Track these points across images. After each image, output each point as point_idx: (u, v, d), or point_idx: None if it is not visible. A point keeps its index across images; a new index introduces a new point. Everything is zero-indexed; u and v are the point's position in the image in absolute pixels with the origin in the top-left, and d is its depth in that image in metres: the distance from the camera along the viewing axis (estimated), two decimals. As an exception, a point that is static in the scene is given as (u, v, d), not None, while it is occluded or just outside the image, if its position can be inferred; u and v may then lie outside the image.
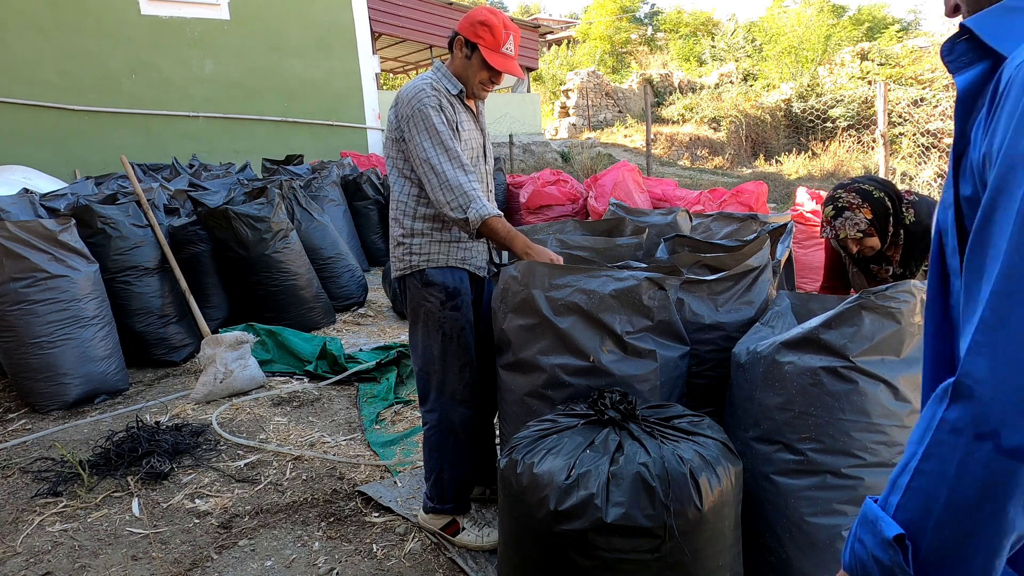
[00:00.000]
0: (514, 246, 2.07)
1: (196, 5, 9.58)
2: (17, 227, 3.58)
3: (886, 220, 2.19)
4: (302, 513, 2.67)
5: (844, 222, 2.20)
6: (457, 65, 2.25)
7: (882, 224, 2.19)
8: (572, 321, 1.90)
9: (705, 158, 15.64)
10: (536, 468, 1.61)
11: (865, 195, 2.20)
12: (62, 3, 8.68)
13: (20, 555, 2.46)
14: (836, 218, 2.22)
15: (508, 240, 2.08)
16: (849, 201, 2.21)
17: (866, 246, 2.23)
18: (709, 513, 1.53)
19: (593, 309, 1.89)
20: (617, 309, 1.90)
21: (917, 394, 1.68)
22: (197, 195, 5.12)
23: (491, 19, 2.19)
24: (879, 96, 6.24)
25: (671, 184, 6.72)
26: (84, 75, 8.95)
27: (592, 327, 1.90)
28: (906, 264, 2.27)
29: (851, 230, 2.19)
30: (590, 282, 1.89)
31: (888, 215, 2.19)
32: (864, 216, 2.18)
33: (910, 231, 2.22)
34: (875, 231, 2.19)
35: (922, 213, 2.21)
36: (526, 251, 2.05)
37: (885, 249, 2.26)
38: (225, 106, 9.96)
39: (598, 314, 1.89)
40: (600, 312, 1.89)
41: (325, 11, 10.65)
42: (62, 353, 3.67)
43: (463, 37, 2.20)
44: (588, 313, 1.89)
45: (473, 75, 2.23)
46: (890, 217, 2.19)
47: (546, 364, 1.94)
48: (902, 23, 24.87)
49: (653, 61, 25.04)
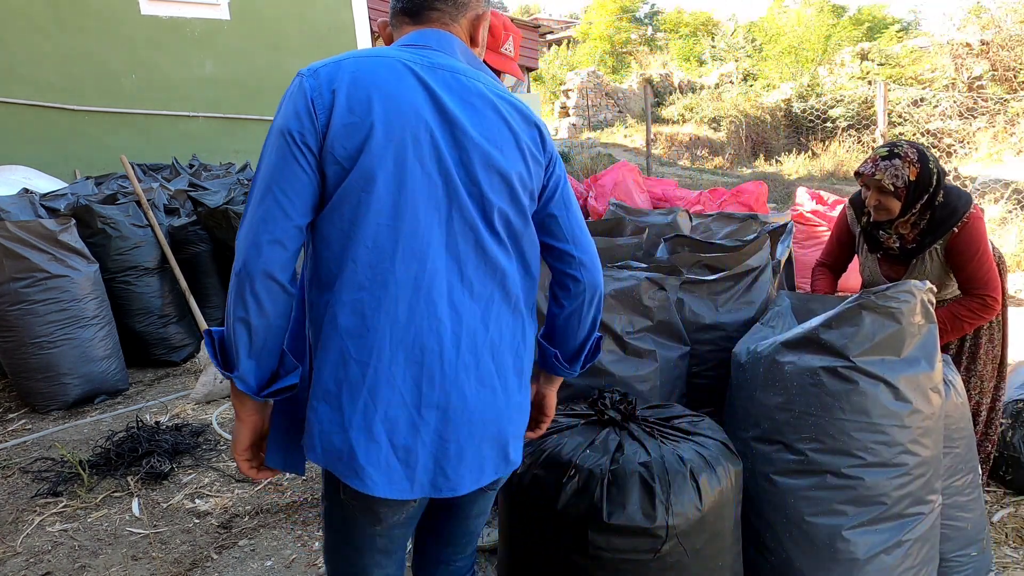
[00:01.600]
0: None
1: (196, 5, 9.58)
2: (17, 227, 3.58)
3: (921, 192, 2.15)
4: (302, 513, 2.67)
5: (889, 167, 2.13)
6: None
7: (914, 194, 2.14)
8: None
9: (705, 158, 15.64)
10: (536, 468, 1.61)
11: (923, 158, 2.15)
12: (62, 3, 8.67)
13: (20, 555, 2.46)
14: (886, 159, 2.15)
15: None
16: (907, 152, 2.15)
17: (884, 207, 2.18)
18: (709, 513, 1.53)
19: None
20: (617, 309, 1.90)
21: (917, 394, 1.68)
22: (197, 195, 5.12)
23: (491, 20, 2.20)
24: (879, 96, 6.25)
25: (671, 184, 6.72)
26: (84, 75, 8.95)
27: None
28: (921, 240, 2.23)
29: (889, 178, 2.13)
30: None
31: (927, 190, 2.15)
32: (908, 175, 2.12)
33: (936, 214, 2.18)
34: (904, 196, 2.14)
35: (951, 196, 2.17)
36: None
37: (898, 222, 2.22)
38: (225, 106, 9.96)
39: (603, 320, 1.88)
40: (604, 318, 1.88)
41: (325, 11, 10.65)
42: (62, 353, 3.67)
43: None
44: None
45: None
46: (925, 195, 2.15)
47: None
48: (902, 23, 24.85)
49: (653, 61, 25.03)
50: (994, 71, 12.56)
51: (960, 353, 2.40)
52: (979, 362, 2.39)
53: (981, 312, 2.16)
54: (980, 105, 11.02)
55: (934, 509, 1.77)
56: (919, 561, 1.74)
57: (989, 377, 2.42)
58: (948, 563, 2.00)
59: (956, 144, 11.04)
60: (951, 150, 10.83)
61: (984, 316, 2.18)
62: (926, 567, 1.78)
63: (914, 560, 1.73)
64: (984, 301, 2.15)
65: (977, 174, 8.67)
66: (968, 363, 2.39)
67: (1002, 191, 6.73)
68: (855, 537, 1.67)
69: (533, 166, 1.22)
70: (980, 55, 12.74)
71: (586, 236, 1.32)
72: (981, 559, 2.06)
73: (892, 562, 1.69)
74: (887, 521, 1.69)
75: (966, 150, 11.17)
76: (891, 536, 1.69)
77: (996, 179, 7.52)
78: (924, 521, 1.73)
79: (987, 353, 2.40)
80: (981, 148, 11.40)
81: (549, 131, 1.34)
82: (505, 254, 1.21)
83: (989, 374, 2.42)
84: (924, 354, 1.70)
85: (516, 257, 1.24)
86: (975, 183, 7.45)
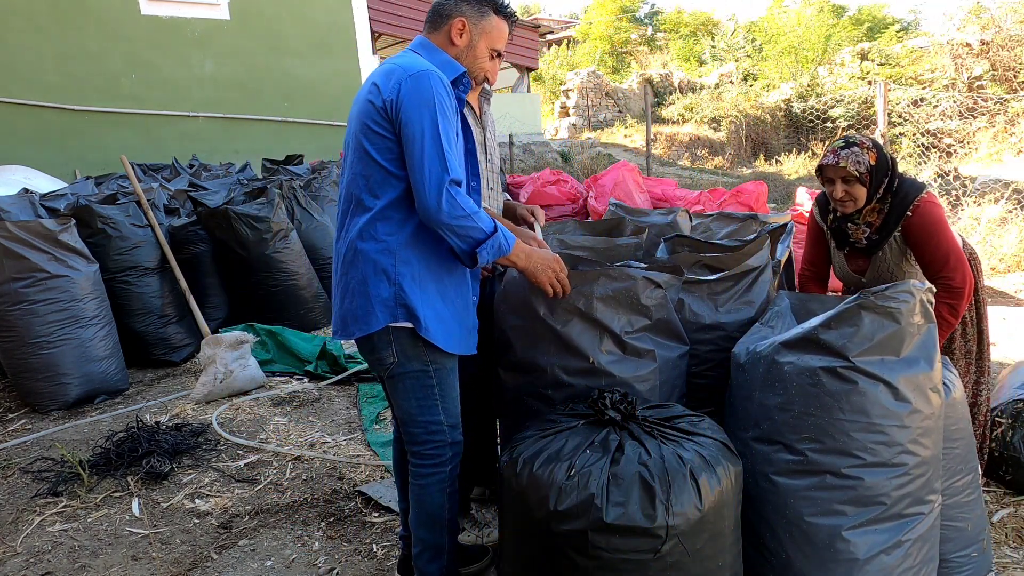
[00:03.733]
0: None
1: (196, 5, 9.57)
2: (17, 227, 3.58)
3: (882, 176, 2.25)
4: (302, 513, 2.67)
5: (849, 154, 2.23)
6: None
7: (877, 178, 2.24)
8: (571, 322, 1.91)
9: (705, 158, 15.64)
10: (536, 468, 1.61)
11: (877, 145, 2.26)
12: (62, 3, 8.67)
13: (20, 555, 2.46)
14: (844, 148, 2.25)
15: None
16: (861, 141, 2.26)
17: (851, 196, 2.26)
18: (709, 513, 1.54)
19: (591, 310, 1.89)
20: (615, 309, 1.90)
21: (917, 394, 1.68)
22: (197, 195, 5.12)
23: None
24: (879, 96, 6.24)
25: (671, 184, 6.72)
26: (84, 75, 8.94)
27: (591, 327, 1.90)
28: (883, 229, 2.32)
29: (852, 164, 2.22)
30: (589, 283, 1.89)
31: (886, 173, 2.25)
32: (868, 160, 2.22)
33: (894, 199, 2.27)
34: (868, 181, 2.23)
35: (905, 183, 2.28)
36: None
37: (865, 210, 2.30)
38: (225, 106, 9.96)
39: (596, 314, 1.89)
40: (598, 312, 1.89)
41: (325, 11, 10.64)
42: (62, 353, 3.68)
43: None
44: (586, 314, 1.89)
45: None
46: (885, 178, 2.25)
47: (546, 364, 1.94)
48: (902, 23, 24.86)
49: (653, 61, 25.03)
50: (994, 71, 12.56)
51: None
52: (953, 356, 2.43)
53: (946, 297, 2.17)
54: (980, 105, 11.02)
55: (934, 509, 1.77)
56: (919, 561, 1.74)
57: (963, 372, 2.45)
58: (948, 563, 2.00)
59: (956, 144, 11.03)
60: (951, 150, 10.82)
61: (950, 300, 2.18)
62: (926, 567, 1.78)
63: (914, 560, 1.73)
64: (947, 285, 2.17)
65: (977, 174, 8.66)
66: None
67: (1002, 191, 6.72)
68: (855, 537, 1.67)
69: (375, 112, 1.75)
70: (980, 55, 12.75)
71: (420, 172, 1.69)
72: (981, 559, 2.06)
73: (892, 562, 1.69)
74: (887, 521, 1.69)
75: (966, 150, 11.16)
76: (891, 536, 1.69)
77: (996, 179, 7.51)
78: (924, 521, 1.73)
79: (960, 348, 2.44)
80: (981, 148, 11.41)
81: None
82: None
83: (963, 369, 2.45)
84: (923, 354, 1.70)
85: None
86: (975, 183, 7.44)
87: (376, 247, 1.77)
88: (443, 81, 1.74)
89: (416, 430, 1.89)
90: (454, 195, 1.68)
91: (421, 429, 1.88)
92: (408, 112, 1.69)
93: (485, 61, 1.95)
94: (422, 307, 1.78)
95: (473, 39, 1.90)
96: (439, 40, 1.91)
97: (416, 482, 1.92)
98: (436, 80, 1.72)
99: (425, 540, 1.94)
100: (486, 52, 1.94)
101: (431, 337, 1.80)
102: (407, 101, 1.69)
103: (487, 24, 1.91)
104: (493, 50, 1.95)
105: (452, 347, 1.85)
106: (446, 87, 1.75)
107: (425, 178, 1.67)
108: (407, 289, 1.77)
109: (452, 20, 1.88)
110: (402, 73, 1.72)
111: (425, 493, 1.91)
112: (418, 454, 1.91)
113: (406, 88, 1.70)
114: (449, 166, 1.68)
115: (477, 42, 1.91)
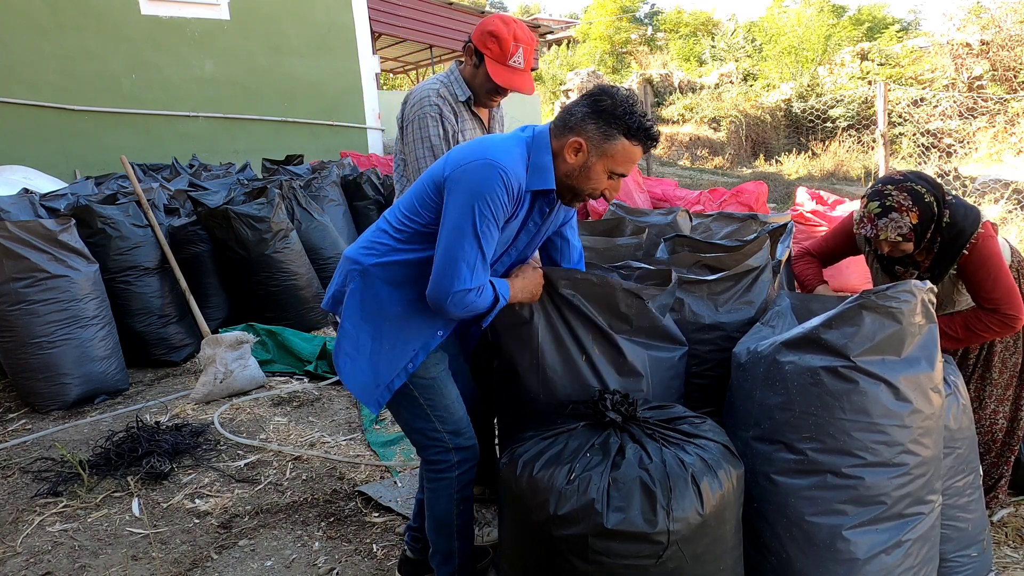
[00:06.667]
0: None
1: (196, 5, 9.57)
2: (17, 227, 3.58)
3: (928, 227, 2.08)
4: (302, 513, 2.67)
5: (888, 223, 2.05)
6: (467, 72, 2.27)
7: (923, 230, 2.08)
8: (564, 323, 1.90)
9: (705, 158, 15.63)
10: (536, 471, 1.60)
11: (917, 198, 2.06)
12: (62, 3, 8.66)
13: (20, 555, 2.46)
14: (881, 217, 2.07)
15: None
16: (899, 202, 2.05)
17: (899, 249, 2.12)
18: (710, 517, 1.53)
19: (583, 312, 1.88)
20: (604, 312, 1.90)
21: (918, 394, 1.68)
22: (197, 195, 5.11)
23: (501, 30, 2.17)
24: (879, 96, 6.24)
25: (671, 184, 6.72)
26: (84, 75, 8.94)
27: (585, 328, 1.90)
28: (935, 268, 2.16)
29: (893, 232, 2.05)
30: (579, 286, 1.88)
31: (932, 221, 2.08)
32: (910, 221, 2.04)
33: (944, 236, 2.11)
34: (914, 236, 2.08)
35: (957, 215, 2.10)
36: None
37: (916, 254, 2.16)
38: (225, 106, 9.96)
39: (588, 316, 1.88)
40: (590, 315, 1.88)
41: (325, 11, 10.64)
42: (62, 353, 3.67)
43: (472, 45, 2.20)
44: (580, 315, 1.89)
45: (480, 86, 2.23)
46: (932, 224, 2.09)
47: (540, 366, 1.94)
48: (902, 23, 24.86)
49: (653, 61, 25.02)
50: (994, 71, 12.56)
51: (974, 362, 2.33)
52: (994, 370, 2.32)
53: (1000, 329, 2.09)
54: (980, 105, 11.02)
55: (934, 509, 1.76)
56: (919, 561, 1.74)
57: (1007, 385, 2.33)
58: (948, 563, 1.99)
59: (956, 144, 11.04)
60: (951, 150, 10.83)
61: (1003, 332, 2.11)
62: (926, 567, 1.78)
63: (914, 560, 1.73)
64: (1004, 319, 2.08)
65: (977, 174, 8.66)
66: (982, 371, 2.33)
67: (1002, 191, 6.73)
68: (855, 537, 1.67)
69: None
70: (980, 55, 12.74)
71: (440, 266, 1.66)
72: (981, 559, 2.06)
73: (892, 562, 1.69)
74: (887, 521, 1.69)
75: (966, 150, 11.16)
76: (891, 536, 1.68)
77: (996, 179, 7.52)
78: (924, 521, 1.73)
79: (1003, 361, 2.32)
80: (981, 148, 11.41)
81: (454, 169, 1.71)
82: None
83: (1006, 382, 2.33)
84: (924, 354, 1.70)
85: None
86: (975, 183, 7.44)
87: (363, 255, 1.80)
88: (506, 182, 1.61)
89: (415, 437, 1.92)
90: (462, 298, 1.65)
91: (420, 436, 1.90)
92: (450, 199, 1.64)
93: (601, 182, 1.70)
94: (345, 336, 1.82)
95: (590, 160, 1.67)
96: (556, 146, 1.70)
97: (427, 487, 1.95)
98: (497, 178, 1.60)
99: (436, 543, 1.98)
100: (603, 173, 1.69)
101: (336, 364, 1.85)
102: (454, 189, 1.64)
103: (611, 148, 1.65)
104: (614, 172, 1.70)
105: (353, 390, 1.85)
106: (507, 188, 1.62)
107: (440, 277, 1.65)
108: (347, 303, 1.80)
109: (571, 137, 1.67)
110: (471, 156, 1.65)
111: (434, 498, 1.93)
112: (424, 460, 1.94)
113: (459, 174, 1.64)
114: (462, 277, 1.62)
115: (594, 164, 1.67)
